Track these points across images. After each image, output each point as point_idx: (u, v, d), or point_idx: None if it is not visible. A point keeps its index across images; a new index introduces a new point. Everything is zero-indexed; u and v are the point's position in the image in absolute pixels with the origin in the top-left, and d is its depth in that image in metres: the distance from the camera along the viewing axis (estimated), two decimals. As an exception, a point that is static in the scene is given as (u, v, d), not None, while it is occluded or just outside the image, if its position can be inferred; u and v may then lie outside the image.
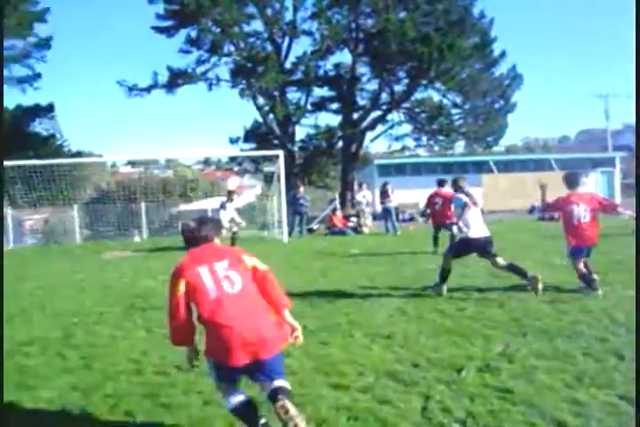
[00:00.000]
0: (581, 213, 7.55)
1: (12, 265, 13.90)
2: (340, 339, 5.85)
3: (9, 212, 22.86)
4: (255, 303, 3.69)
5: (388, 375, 4.71)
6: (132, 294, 8.98)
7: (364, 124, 33.85)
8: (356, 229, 19.80)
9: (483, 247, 7.77)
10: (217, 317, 3.59)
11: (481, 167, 31.74)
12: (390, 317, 6.69)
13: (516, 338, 5.60)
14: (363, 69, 33.93)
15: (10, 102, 32.24)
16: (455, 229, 8.76)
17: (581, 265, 7.61)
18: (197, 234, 4.01)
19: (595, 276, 7.55)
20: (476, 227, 7.79)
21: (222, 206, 15.88)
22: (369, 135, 34.96)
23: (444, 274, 7.97)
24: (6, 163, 20.33)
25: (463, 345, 5.46)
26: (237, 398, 3.68)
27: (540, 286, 7.19)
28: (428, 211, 13.20)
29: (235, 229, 15.80)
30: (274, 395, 3.50)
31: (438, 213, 12.61)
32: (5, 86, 31.36)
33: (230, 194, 16.40)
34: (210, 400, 4.34)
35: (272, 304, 3.80)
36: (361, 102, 34.56)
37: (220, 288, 3.67)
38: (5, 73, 31.03)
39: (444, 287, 7.93)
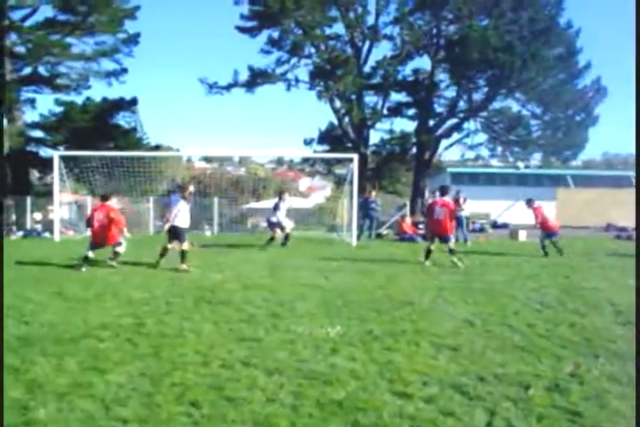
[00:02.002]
0: None
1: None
2: (405, 346, 5.80)
3: (89, 200, 23.72)
4: (107, 228, 11.72)
5: (452, 387, 4.63)
6: (200, 286, 9.19)
7: (440, 131, 33.54)
8: (426, 237, 19.57)
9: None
10: (95, 228, 11.87)
11: (557, 181, 30.89)
12: (457, 328, 6.58)
13: (587, 359, 5.41)
14: (442, 76, 33.71)
15: (96, 95, 33.48)
16: None
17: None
18: (102, 197, 12.36)
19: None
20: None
21: (276, 208, 16.04)
22: (443, 143, 34.70)
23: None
24: (89, 153, 21.14)
25: (531, 362, 5.31)
26: (92, 255, 11.57)
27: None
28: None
29: (287, 230, 15.99)
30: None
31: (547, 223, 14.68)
32: (93, 79, 32.64)
33: (281, 195, 16.56)
34: (273, 398, 4.36)
35: (117, 228, 11.86)
36: (438, 109, 34.32)
37: (99, 220, 11.77)
38: (94, 67, 32.29)
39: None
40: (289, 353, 5.49)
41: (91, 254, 11.62)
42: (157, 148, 34.13)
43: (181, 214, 11.70)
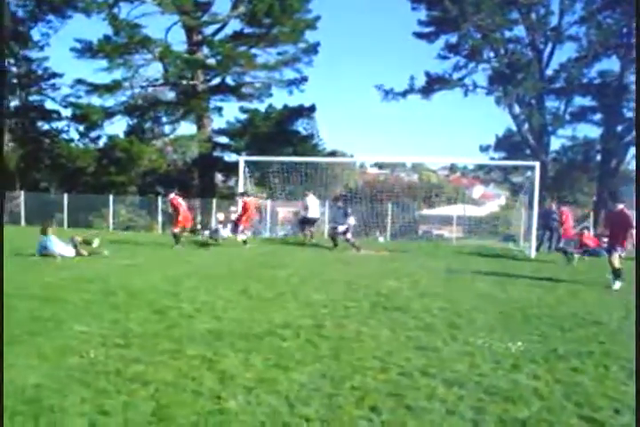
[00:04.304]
0: None
1: (270, 253, 15.21)
2: (592, 369, 5.44)
3: (268, 203, 24.88)
4: None
5: (650, 418, 4.27)
6: (376, 292, 9.27)
7: (629, 137, 31.17)
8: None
9: None
10: None
11: None
12: (652, 352, 6.07)
13: None
14: (632, 78, 31.28)
15: (278, 103, 35.18)
16: None
17: None
18: None
19: None
20: None
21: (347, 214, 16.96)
22: (632, 150, 32.18)
23: None
24: (271, 158, 22.20)
25: None
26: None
27: None
28: None
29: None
30: None
31: None
32: (275, 88, 34.30)
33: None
34: (453, 410, 4.28)
35: None
36: (628, 114, 31.90)
37: None
38: (276, 76, 33.93)
39: None
40: (468, 366, 5.37)
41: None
42: (333, 154, 35.10)
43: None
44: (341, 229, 16.79)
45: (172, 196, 16.95)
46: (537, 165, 17.60)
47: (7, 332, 5.92)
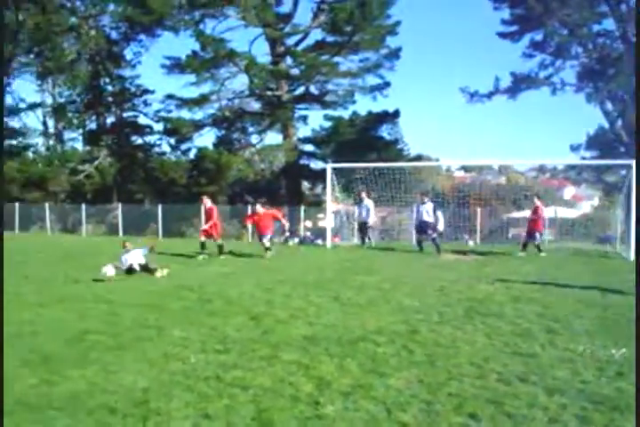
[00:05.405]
0: None
1: (358, 258, 15.27)
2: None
3: (356, 209, 24.93)
4: None
5: None
6: (470, 297, 9.13)
7: None
8: None
9: None
10: None
11: None
12: None
13: None
14: None
15: (362, 109, 35.30)
16: None
17: None
18: None
19: None
20: None
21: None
22: None
23: None
24: (357, 164, 22.27)
25: None
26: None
27: None
28: None
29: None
30: None
31: None
32: (358, 94, 34.39)
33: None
34: (556, 419, 4.19)
35: None
36: None
37: None
38: (359, 82, 34.01)
39: None
40: (569, 372, 5.23)
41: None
42: (418, 158, 34.85)
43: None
44: (436, 232, 16.67)
45: (209, 204, 15.92)
46: (633, 163, 16.78)
47: (117, 338, 6.28)
